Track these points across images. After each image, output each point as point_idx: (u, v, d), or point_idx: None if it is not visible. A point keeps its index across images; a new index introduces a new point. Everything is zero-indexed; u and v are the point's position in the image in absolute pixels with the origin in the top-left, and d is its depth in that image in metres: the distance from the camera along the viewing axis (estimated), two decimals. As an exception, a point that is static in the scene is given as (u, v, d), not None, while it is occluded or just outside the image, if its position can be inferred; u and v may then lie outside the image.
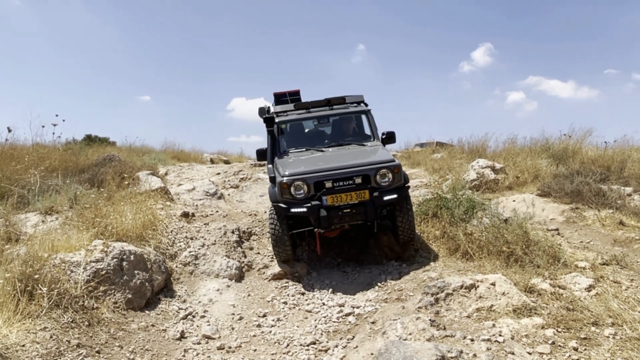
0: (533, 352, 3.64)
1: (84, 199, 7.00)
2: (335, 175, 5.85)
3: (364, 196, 5.83)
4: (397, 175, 5.96)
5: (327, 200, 5.80)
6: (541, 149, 12.91)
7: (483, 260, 5.70)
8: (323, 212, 5.79)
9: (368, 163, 6.00)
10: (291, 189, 5.84)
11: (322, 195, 5.81)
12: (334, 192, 5.82)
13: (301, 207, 5.83)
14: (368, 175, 5.88)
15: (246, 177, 12.69)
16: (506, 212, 7.55)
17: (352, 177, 5.85)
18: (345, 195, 5.82)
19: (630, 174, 9.98)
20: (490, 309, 4.42)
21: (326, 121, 7.38)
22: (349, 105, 7.40)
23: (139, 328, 4.48)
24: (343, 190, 5.83)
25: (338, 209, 5.83)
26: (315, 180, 5.85)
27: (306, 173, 5.91)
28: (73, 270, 4.54)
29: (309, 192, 5.86)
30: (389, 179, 5.92)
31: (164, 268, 5.61)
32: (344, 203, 5.82)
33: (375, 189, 5.88)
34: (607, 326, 4.05)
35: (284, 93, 8.13)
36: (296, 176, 5.88)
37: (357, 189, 5.84)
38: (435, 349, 3.34)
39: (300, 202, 5.86)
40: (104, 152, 13.60)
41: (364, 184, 5.87)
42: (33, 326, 3.65)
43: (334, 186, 5.84)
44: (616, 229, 7.34)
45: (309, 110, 7.26)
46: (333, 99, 7.32)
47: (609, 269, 5.44)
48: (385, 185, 5.91)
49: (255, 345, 4.47)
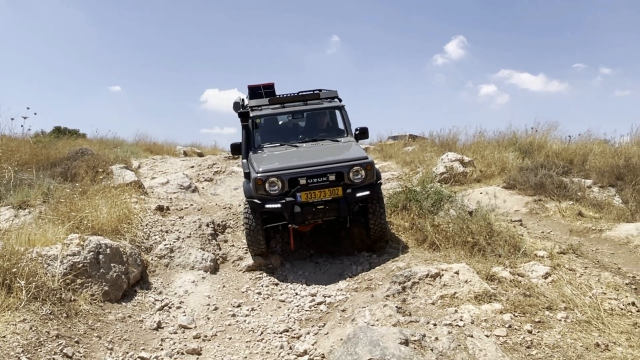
0: (490, 335, 3.90)
1: (58, 193, 7.03)
2: (309, 172, 5.97)
3: (337, 193, 5.97)
4: (369, 172, 6.11)
5: (301, 197, 5.92)
6: (508, 143, 13.32)
7: (449, 251, 5.97)
8: (297, 208, 5.92)
9: (341, 160, 6.13)
10: (266, 185, 5.95)
11: (296, 191, 5.93)
12: (308, 189, 5.95)
13: (276, 203, 5.94)
14: (341, 172, 6.01)
15: (220, 171, 12.78)
16: (473, 204, 7.86)
17: (325, 174, 5.97)
18: (319, 192, 5.95)
19: (591, 166, 10.44)
20: (454, 296, 4.68)
21: (300, 116, 7.46)
22: (323, 100, 7.51)
23: (116, 319, 4.60)
24: (317, 187, 5.96)
25: (312, 205, 5.96)
26: (289, 177, 5.96)
27: (280, 169, 6.01)
28: (50, 264, 4.63)
29: (283, 188, 5.97)
30: (361, 176, 6.07)
31: (139, 261, 5.72)
32: (317, 199, 5.95)
33: (349, 186, 6.02)
34: (560, 310, 4.35)
35: (259, 86, 8.21)
36: (271, 172, 5.98)
37: (331, 186, 5.97)
38: (400, 333, 3.57)
39: (275, 198, 5.97)
40: (75, 145, 13.49)
41: (337, 180, 6.00)
42: (12, 318, 3.75)
43: (308, 183, 5.96)
44: (575, 220, 7.74)
45: (283, 105, 7.33)
46: (307, 95, 7.43)
47: (566, 257, 5.77)
48: (358, 182, 6.05)
49: (230, 333, 4.64)
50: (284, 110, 7.33)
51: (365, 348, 3.41)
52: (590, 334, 3.95)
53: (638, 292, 4.94)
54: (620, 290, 4.83)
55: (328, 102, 7.52)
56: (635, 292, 4.93)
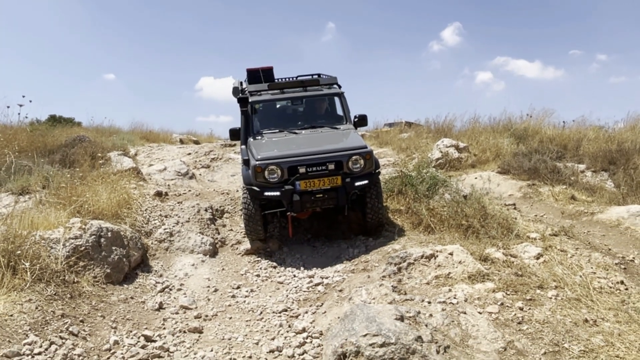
0: (483, 312, 4.03)
1: (57, 178, 7.10)
2: (308, 160, 5.99)
3: (336, 182, 6.01)
4: (368, 161, 6.14)
5: (300, 185, 5.95)
6: (503, 129, 13.44)
7: (443, 233, 6.10)
8: (296, 196, 5.94)
9: (341, 149, 6.15)
10: (265, 173, 5.97)
11: (295, 180, 5.95)
12: (307, 178, 5.97)
13: (275, 191, 5.96)
14: (341, 161, 6.04)
15: (217, 157, 12.83)
16: (467, 188, 7.98)
17: (325, 163, 6.00)
18: (318, 181, 5.99)
19: (584, 152, 10.58)
20: (448, 276, 4.80)
21: (300, 102, 7.45)
22: (323, 87, 7.51)
23: (118, 300, 4.71)
24: (316, 175, 5.99)
25: (311, 193, 6.00)
26: (289, 165, 5.97)
27: (280, 157, 6.04)
28: (53, 247, 4.72)
29: (282, 176, 5.98)
30: (360, 165, 6.10)
31: (140, 244, 5.82)
32: (316, 188, 5.99)
33: (347, 175, 6.06)
34: (550, 289, 4.48)
35: (257, 69, 8.20)
36: (270, 160, 6.00)
37: (330, 175, 6.00)
38: (395, 310, 3.69)
39: (274, 185, 6.00)
40: (71, 133, 13.50)
41: (336, 169, 6.03)
42: (19, 298, 3.85)
43: (308, 171, 5.98)
44: (568, 203, 7.87)
45: (282, 90, 7.32)
46: (307, 81, 7.42)
47: (557, 239, 5.90)
48: (357, 171, 6.09)
49: (231, 313, 4.76)
50: (284, 96, 7.32)
51: (362, 324, 3.53)
52: (580, 310, 4.08)
53: (627, 271, 5.08)
54: (609, 269, 4.98)
55: (328, 89, 7.52)
56: (625, 271, 5.07)
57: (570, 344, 3.56)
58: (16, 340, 3.36)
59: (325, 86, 7.53)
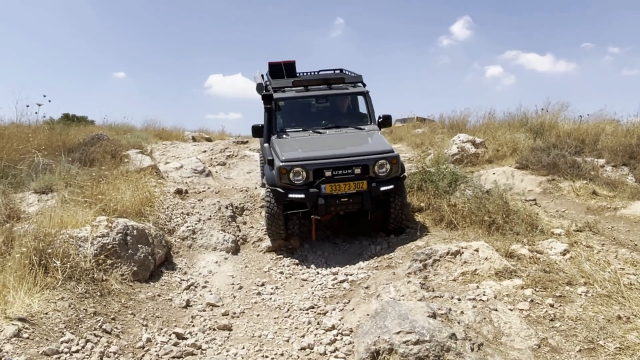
0: (514, 309, 4.01)
1: (79, 177, 7.16)
2: (335, 164, 5.91)
3: (362, 186, 5.93)
4: (394, 166, 6.06)
5: (325, 189, 5.88)
6: (519, 124, 13.33)
7: (466, 229, 6.07)
8: (321, 200, 5.87)
9: (367, 153, 6.09)
10: (290, 175, 5.90)
11: (320, 183, 5.87)
12: (333, 181, 5.89)
13: (299, 194, 5.89)
14: (367, 165, 5.97)
15: (232, 155, 12.88)
16: (487, 184, 7.93)
17: (351, 167, 5.92)
18: (344, 185, 5.91)
19: (603, 146, 10.46)
20: (474, 273, 4.78)
21: (324, 100, 7.33)
22: (348, 85, 7.42)
23: (146, 298, 4.75)
24: (342, 179, 5.91)
25: (336, 197, 5.92)
26: (315, 168, 5.91)
27: (306, 159, 5.97)
28: (81, 245, 4.76)
29: (307, 178, 5.92)
30: (386, 170, 6.02)
31: (164, 242, 5.86)
32: (342, 192, 5.91)
33: (373, 179, 5.98)
34: (579, 285, 4.45)
35: (279, 63, 8.15)
36: (296, 162, 5.95)
37: (356, 179, 5.93)
38: (427, 307, 3.68)
39: (298, 187, 5.94)
40: (89, 132, 13.59)
41: (362, 174, 5.96)
42: (52, 296, 3.89)
43: (334, 175, 5.91)
44: (589, 199, 7.80)
45: (307, 87, 7.24)
46: (332, 79, 7.33)
47: (582, 235, 5.86)
48: (382, 176, 6.01)
49: (258, 310, 4.78)
50: (308, 94, 7.22)
51: (395, 321, 3.53)
52: (611, 307, 4.04)
53: (656, 267, 5.02)
54: (638, 265, 4.92)
55: (353, 87, 7.42)
56: (653, 267, 5.01)
57: (606, 341, 3.53)
58: (53, 338, 3.39)
59: (349, 84, 7.45)
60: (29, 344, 3.18)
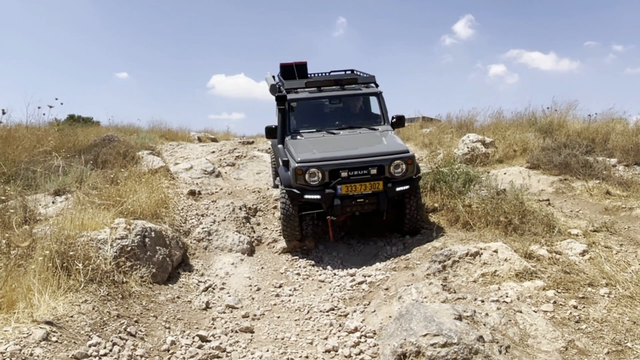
0: (538, 310, 4.00)
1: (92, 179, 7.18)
2: (350, 164, 5.93)
3: (377, 187, 5.93)
4: (410, 166, 6.06)
5: (341, 189, 5.88)
6: (528, 123, 13.32)
7: (483, 230, 6.05)
8: (337, 200, 5.88)
9: (383, 153, 6.09)
10: (306, 176, 5.91)
11: (336, 184, 5.88)
12: (348, 182, 5.90)
13: (315, 194, 5.90)
14: (383, 165, 5.98)
15: (241, 155, 12.87)
16: (499, 184, 7.91)
17: (367, 167, 5.93)
18: (360, 185, 5.91)
19: (614, 145, 10.44)
20: (494, 274, 4.77)
21: (337, 101, 7.36)
22: (361, 85, 7.43)
23: (166, 300, 4.75)
24: (358, 180, 5.92)
25: (352, 198, 5.92)
26: (330, 169, 5.92)
27: (321, 160, 5.98)
28: (101, 247, 4.76)
29: (323, 179, 5.92)
30: (402, 170, 6.02)
31: (181, 244, 5.86)
32: (358, 192, 5.92)
33: (389, 180, 5.99)
34: (601, 286, 4.43)
35: (291, 64, 8.17)
36: (311, 163, 5.96)
37: (372, 180, 5.93)
38: (452, 309, 3.67)
39: (314, 188, 5.94)
40: (94, 133, 13.60)
41: (378, 174, 5.96)
42: (75, 299, 3.89)
43: (349, 175, 5.92)
44: (603, 199, 7.78)
45: (320, 88, 7.25)
46: (344, 79, 7.34)
47: (600, 235, 5.84)
48: (398, 176, 6.01)
49: (278, 312, 4.78)
50: (322, 95, 7.24)
51: (421, 324, 3.51)
52: (635, 308, 4.02)
53: (676, 267, 5.00)
54: (658, 266, 4.91)
55: (366, 87, 7.43)
56: (673, 267, 4.99)
57: (633, 343, 3.51)
58: (81, 341, 3.39)
59: (362, 85, 7.45)
60: (58, 347, 3.18)
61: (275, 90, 7.31)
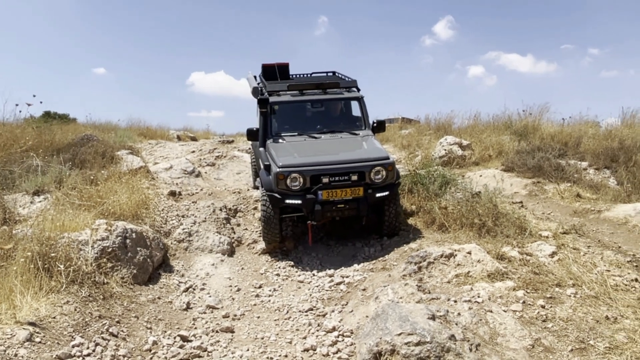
0: (508, 310, 4.18)
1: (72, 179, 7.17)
2: (332, 170, 5.98)
3: (358, 193, 6.01)
4: (390, 172, 6.16)
5: (322, 195, 5.94)
6: (504, 126, 13.61)
7: (458, 232, 6.23)
8: (318, 206, 5.95)
9: (364, 159, 6.17)
10: (287, 181, 5.94)
11: (317, 189, 5.94)
12: (329, 188, 5.96)
13: (296, 199, 5.97)
14: (363, 172, 6.05)
15: (221, 155, 12.91)
16: (475, 186, 8.12)
17: (348, 173, 6.00)
18: (341, 191, 5.98)
19: (585, 149, 10.76)
20: (468, 275, 4.95)
21: (319, 105, 7.43)
22: (343, 90, 7.50)
23: (147, 300, 4.81)
24: (339, 186, 5.99)
25: (332, 203, 5.99)
26: (312, 174, 5.97)
27: (303, 165, 6.03)
28: (82, 248, 4.80)
29: (304, 184, 5.97)
30: (382, 176, 6.11)
31: (161, 245, 5.92)
32: (338, 198, 5.99)
33: (369, 186, 6.06)
34: (568, 287, 4.64)
35: (273, 65, 8.22)
36: (293, 168, 6.00)
37: (353, 186, 6.00)
38: (426, 309, 3.82)
39: (295, 193, 5.99)
40: (75, 131, 13.46)
41: (359, 180, 6.03)
42: (57, 300, 3.94)
43: (330, 181, 5.98)
44: (574, 201, 8.06)
45: (302, 92, 7.30)
46: (327, 83, 7.42)
47: (569, 237, 6.07)
48: (378, 182, 6.10)
49: (258, 313, 4.88)
50: (304, 98, 7.29)
51: (396, 323, 3.66)
52: (599, 308, 4.24)
53: (639, 269, 5.25)
54: (622, 267, 5.14)
55: (348, 92, 7.51)
56: (637, 269, 5.23)
57: (596, 341, 3.71)
58: (64, 342, 3.45)
59: (344, 89, 7.53)
60: (41, 348, 3.24)
61: (257, 93, 7.36)
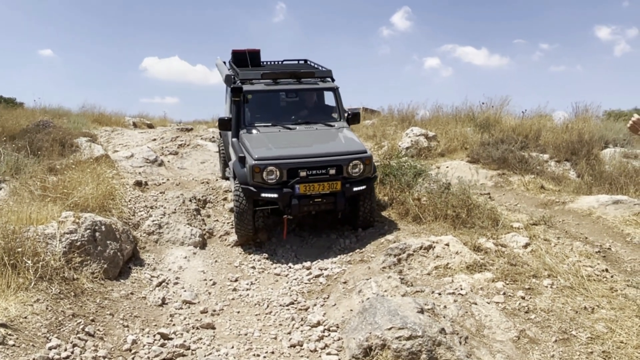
0: (491, 302, 4.23)
1: (30, 168, 6.78)
2: (310, 163, 5.87)
3: (335, 187, 5.92)
4: (367, 166, 6.09)
5: (299, 189, 5.82)
6: (466, 118, 13.85)
7: (432, 223, 6.28)
8: (294, 200, 5.82)
9: (342, 153, 6.08)
10: (263, 174, 5.78)
11: (295, 183, 5.82)
12: (307, 181, 5.85)
13: (272, 193, 5.82)
14: (341, 165, 5.97)
15: (185, 144, 12.56)
16: (443, 177, 8.21)
17: (326, 167, 5.90)
18: (318, 185, 5.87)
19: (545, 142, 11.08)
20: (447, 267, 4.98)
21: (294, 95, 7.26)
22: (318, 80, 7.37)
23: (120, 297, 4.60)
24: (316, 180, 5.88)
25: (309, 197, 5.88)
26: (289, 167, 5.84)
27: (280, 158, 5.89)
28: (49, 243, 4.53)
29: (281, 177, 5.83)
30: (359, 170, 6.05)
31: (131, 237, 5.67)
32: (316, 192, 5.89)
33: (346, 180, 5.99)
34: (544, 278, 4.75)
35: (244, 51, 8.01)
36: (269, 161, 5.85)
37: (330, 180, 5.91)
38: (415, 303, 3.81)
39: (271, 186, 5.85)
40: (27, 117, 12.77)
41: (337, 174, 5.95)
42: (27, 298, 3.69)
43: (308, 175, 5.87)
44: (539, 193, 8.29)
45: (276, 81, 7.11)
46: (302, 72, 7.26)
47: (539, 228, 6.23)
48: (356, 176, 6.06)
49: (237, 307, 4.75)
50: (279, 88, 7.10)
51: (385, 317, 3.62)
52: (576, 298, 4.36)
53: (607, 259, 5.44)
54: (592, 258, 5.32)
55: (322, 82, 7.37)
56: (605, 259, 5.43)
57: (577, 332, 3.80)
58: (39, 344, 3.23)
59: (319, 79, 7.39)
60: (16, 351, 3.01)
61: (230, 81, 7.13)
